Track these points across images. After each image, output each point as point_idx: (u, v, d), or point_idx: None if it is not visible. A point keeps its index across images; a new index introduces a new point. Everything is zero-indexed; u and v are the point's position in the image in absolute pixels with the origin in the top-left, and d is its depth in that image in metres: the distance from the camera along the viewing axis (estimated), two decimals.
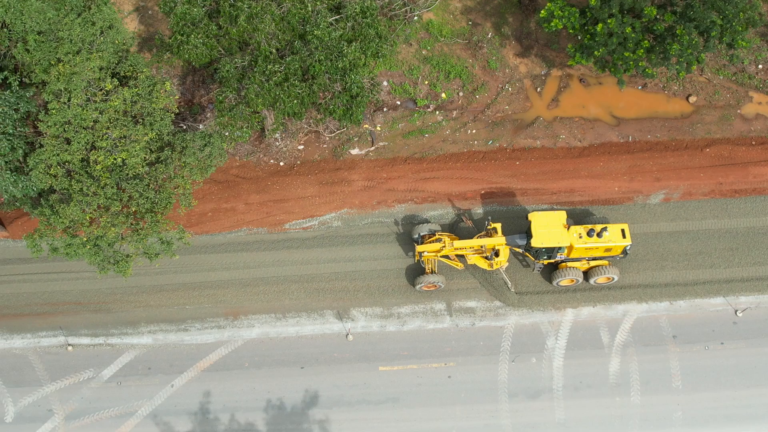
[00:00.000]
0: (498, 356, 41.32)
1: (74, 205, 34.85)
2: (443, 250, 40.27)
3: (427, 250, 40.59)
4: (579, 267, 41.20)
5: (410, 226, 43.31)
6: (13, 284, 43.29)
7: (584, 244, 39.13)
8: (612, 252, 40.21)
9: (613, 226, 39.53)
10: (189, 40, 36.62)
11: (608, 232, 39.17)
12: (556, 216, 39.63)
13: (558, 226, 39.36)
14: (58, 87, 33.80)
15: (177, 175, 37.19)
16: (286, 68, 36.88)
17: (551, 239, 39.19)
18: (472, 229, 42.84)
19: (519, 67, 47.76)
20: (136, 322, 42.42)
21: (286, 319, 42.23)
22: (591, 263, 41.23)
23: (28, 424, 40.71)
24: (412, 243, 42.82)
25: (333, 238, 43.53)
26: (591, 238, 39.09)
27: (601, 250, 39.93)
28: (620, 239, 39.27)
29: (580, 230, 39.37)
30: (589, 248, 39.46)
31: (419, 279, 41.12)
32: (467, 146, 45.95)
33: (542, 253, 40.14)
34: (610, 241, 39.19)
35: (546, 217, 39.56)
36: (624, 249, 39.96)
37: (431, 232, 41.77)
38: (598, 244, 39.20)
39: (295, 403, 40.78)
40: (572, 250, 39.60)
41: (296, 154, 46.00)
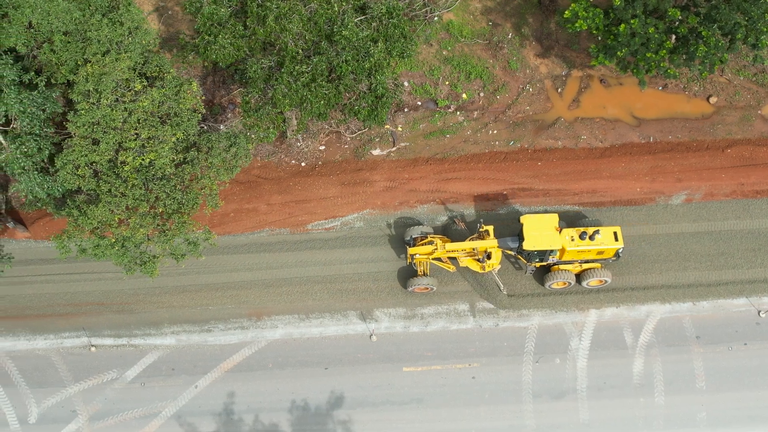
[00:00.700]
0: (522, 357, 41.31)
1: (102, 206, 34.78)
2: (435, 252, 40.14)
3: (419, 253, 40.48)
4: (571, 270, 41.13)
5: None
6: (36, 285, 43.21)
7: (576, 247, 39.02)
8: (605, 255, 40.08)
9: (605, 229, 39.40)
10: (217, 41, 36.55)
11: (600, 235, 39.02)
12: (547, 219, 39.49)
13: (550, 229, 39.17)
14: (88, 87, 33.70)
15: (204, 175, 37.13)
16: (313, 69, 36.85)
17: (543, 242, 39.03)
18: (464, 231, 42.72)
19: (539, 67, 47.75)
20: (159, 323, 42.36)
21: (310, 320, 42.19)
22: (583, 266, 41.16)
23: (51, 425, 40.66)
24: (403, 245, 42.63)
25: (355, 239, 43.51)
26: (583, 241, 38.96)
27: (593, 253, 39.79)
28: (613, 242, 39.15)
29: (573, 233, 39.21)
30: (581, 251, 39.36)
31: (411, 281, 41.03)
32: (488, 147, 45.94)
33: (534, 256, 40.06)
34: (603, 244, 39.06)
35: (538, 220, 39.39)
36: (616, 252, 39.89)
37: (423, 235, 41.68)
38: (590, 247, 39.09)
39: (319, 403, 40.75)
40: (564, 252, 39.50)
41: (317, 155, 45.96)
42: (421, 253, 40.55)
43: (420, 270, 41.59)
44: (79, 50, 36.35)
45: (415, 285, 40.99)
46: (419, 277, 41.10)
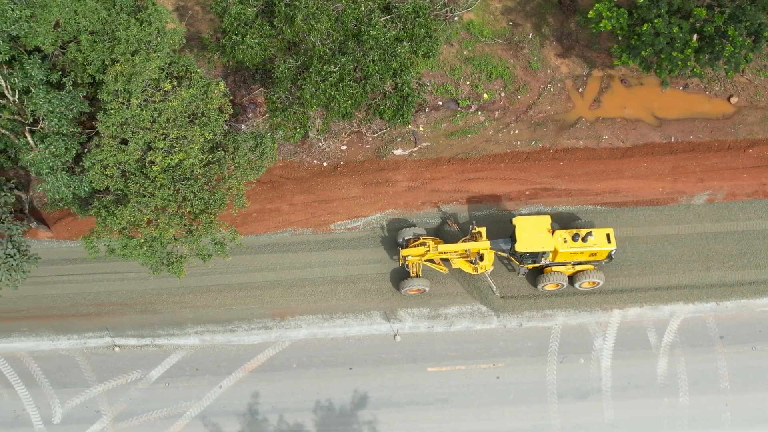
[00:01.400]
0: (546, 357, 41.31)
1: (131, 206, 34.72)
2: (428, 254, 40.01)
3: (412, 254, 40.36)
4: (564, 271, 41.08)
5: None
6: (59, 285, 43.13)
7: (569, 249, 38.97)
8: (597, 257, 40.03)
9: (598, 231, 39.35)
10: (244, 41, 36.50)
11: (593, 237, 38.97)
12: (540, 220, 39.42)
13: (542, 230, 39.08)
14: (118, 87, 33.62)
15: (231, 175, 37.09)
16: (341, 69, 36.82)
17: (535, 244, 38.93)
18: (457, 232, 42.65)
19: (560, 67, 47.75)
20: (183, 323, 42.30)
21: (334, 320, 42.16)
22: (576, 267, 41.10)
23: (76, 425, 40.59)
24: (396, 247, 42.55)
25: (379, 239, 43.45)
26: (576, 242, 38.91)
27: (586, 255, 39.72)
28: (605, 244, 39.09)
29: (565, 235, 39.14)
30: (573, 253, 39.30)
31: (404, 283, 40.92)
32: (510, 147, 45.93)
33: (526, 258, 40.00)
34: (595, 246, 39.00)
35: (530, 222, 39.31)
36: (609, 253, 39.85)
37: (416, 236, 41.60)
38: (582, 249, 39.04)
39: (344, 403, 40.71)
40: (557, 254, 39.45)
41: (339, 155, 45.92)
42: (413, 254, 40.35)
43: (413, 271, 41.44)
44: (107, 50, 36.30)
45: (408, 287, 40.89)
46: (412, 279, 40.94)
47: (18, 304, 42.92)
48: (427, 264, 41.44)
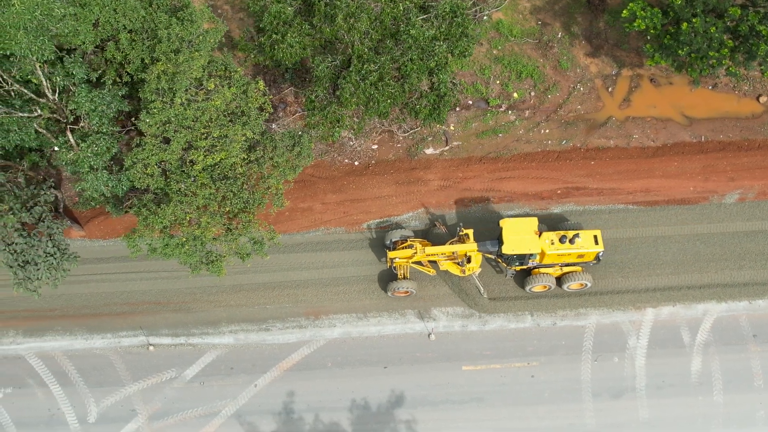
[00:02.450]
0: (580, 355, 41.38)
1: (173, 205, 34.70)
2: (415, 256, 39.98)
3: (399, 256, 40.32)
4: (552, 273, 41.13)
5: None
6: (92, 284, 43.09)
7: (556, 251, 39.01)
8: (585, 258, 40.09)
9: (585, 233, 39.40)
10: (285, 39, 36.50)
11: (580, 239, 39.01)
12: (527, 223, 39.49)
13: (529, 232, 39.13)
14: (161, 86, 33.58)
15: (270, 174, 37.11)
16: (381, 68, 36.84)
17: (522, 246, 38.97)
18: (446, 234, 42.64)
19: (590, 66, 47.83)
20: (217, 322, 42.31)
21: (368, 319, 42.19)
22: (564, 269, 41.15)
23: (111, 425, 40.58)
24: (384, 249, 42.44)
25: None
26: (563, 244, 38.94)
27: (573, 257, 39.78)
28: (593, 245, 39.16)
29: (552, 237, 39.17)
30: (561, 255, 39.35)
31: (392, 285, 40.88)
32: (541, 146, 46.00)
33: (514, 260, 40.06)
34: (583, 248, 39.06)
35: (517, 224, 39.36)
36: (597, 255, 39.93)
37: (403, 238, 41.60)
38: (570, 251, 39.09)
39: (379, 402, 40.75)
40: (544, 256, 39.50)
41: (370, 154, 45.95)
42: (400, 256, 40.31)
43: (400, 273, 41.34)
44: (146, 49, 36.27)
45: (395, 289, 40.85)
46: (399, 281, 40.86)
47: (51, 303, 42.89)
48: (415, 266, 41.38)
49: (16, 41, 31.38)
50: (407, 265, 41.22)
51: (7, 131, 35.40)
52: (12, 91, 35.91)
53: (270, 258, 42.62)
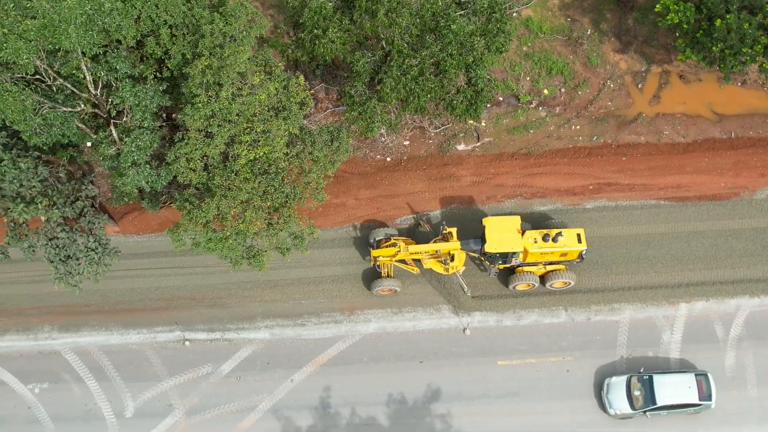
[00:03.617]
0: (615, 350, 41.53)
1: (218, 199, 34.80)
2: (399, 254, 40.08)
3: (383, 255, 40.45)
4: (535, 271, 41.26)
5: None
6: (126, 279, 43.17)
7: (539, 249, 39.13)
8: (568, 257, 40.23)
9: (568, 231, 39.54)
10: (326, 35, 36.62)
11: (563, 237, 39.15)
12: (510, 221, 39.60)
13: (512, 231, 39.21)
14: (207, 80, 33.65)
15: (311, 169, 37.24)
16: (421, 63, 36.99)
17: (505, 244, 39.05)
18: (430, 233, 42.75)
19: (619, 63, 48.03)
20: (253, 317, 42.42)
21: (403, 314, 42.33)
22: (548, 268, 41.29)
23: (148, 420, 40.64)
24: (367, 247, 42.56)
25: None
26: (546, 243, 39.08)
27: (556, 255, 39.89)
28: (576, 244, 39.26)
29: (535, 235, 39.29)
30: (544, 253, 39.48)
31: (375, 283, 40.99)
32: (572, 142, 46.19)
33: (497, 258, 40.19)
34: (566, 246, 39.19)
35: (500, 222, 39.45)
36: (580, 253, 40.07)
37: (387, 237, 41.72)
38: (553, 249, 39.21)
39: (416, 397, 40.88)
40: (527, 254, 39.62)
41: (402, 150, 46.09)
42: (384, 255, 40.42)
43: (384, 272, 41.45)
44: (188, 44, 36.34)
45: (379, 287, 40.98)
46: (383, 279, 40.99)
47: (86, 299, 42.96)
48: (399, 265, 41.48)
49: (66, 36, 31.44)
50: (391, 263, 41.24)
51: (50, 126, 35.45)
52: (54, 86, 35.97)
53: (304, 254, 42.75)
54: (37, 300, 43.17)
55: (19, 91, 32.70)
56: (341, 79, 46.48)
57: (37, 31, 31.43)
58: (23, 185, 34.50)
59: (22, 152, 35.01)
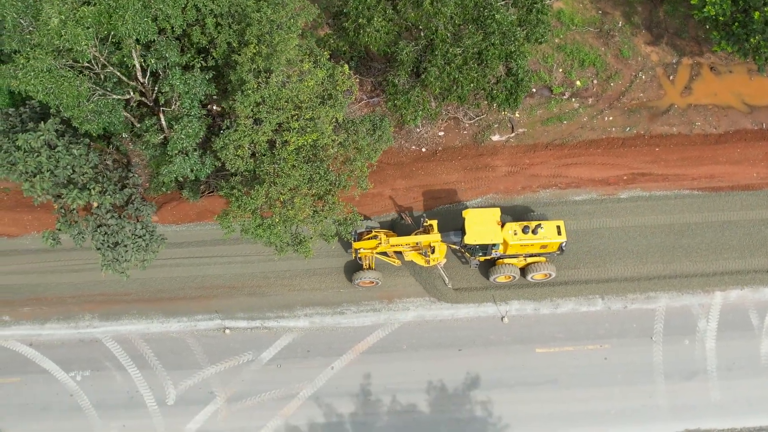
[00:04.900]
0: (652, 338, 41.88)
1: (267, 185, 35.10)
2: (380, 246, 40.36)
3: (364, 247, 40.73)
4: (516, 263, 41.58)
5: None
6: (166, 268, 43.43)
7: (519, 241, 39.48)
8: (548, 249, 40.59)
9: (548, 223, 39.89)
10: (371, 24, 36.94)
11: (543, 229, 39.49)
12: (489, 213, 39.95)
13: (491, 223, 39.53)
14: (258, 65, 33.94)
15: (355, 157, 37.56)
16: (465, 52, 37.34)
17: (484, 236, 39.36)
18: (411, 226, 43.06)
19: (650, 55, 48.45)
20: (292, 306, 42.70)
21: (441, 303, 42.64)
22: (528, 260, 41.62)
23: (190, 407, 40.90)
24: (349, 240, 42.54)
25: None
26: (526, 235, 39.43)
27: (536, 247, 40.23)
28: (555, 236, 39.65)
29: (515, 227, 39.65)
30: (524, 245, 39.81)
31: (357, 275, 41.33)
32: (605, 133, 46.58)
33: (477, 250, 40.53)
34: (546, 238, 39.56)
35: (479, 215, 39.80)
36: (560, 245, 40.44)
37: (368, 229, 42.06)
38: (533, 241, 39.58)
39: (455, 384, 41.19)
40: (508, 246, 39.96)
41: (437, 140, 46.45)
42: (365, 247, 40.72)
43: (365, 264, 41.76)
44: (233, 32, 36.65)
45: (360, 279, 41.32)
46: (364, 271, 41.31)
47: (126, 288, 43.23)
48: (380, 257, 41.82)
49: (122, 22, 31.75)
50: (372, 255, 41.55)
51: (99, 114, 35.75)
52: (102, 74, 36.25)
53: (342, 243, 43.12)
54: (77, 288, 43.42)
55: (74, 76, 32.99)
56: (375, 70, 46.87)
57: (94, 17, 31.77)
58: (75, 171, 34.76)
59: (74, 139, 35.25)
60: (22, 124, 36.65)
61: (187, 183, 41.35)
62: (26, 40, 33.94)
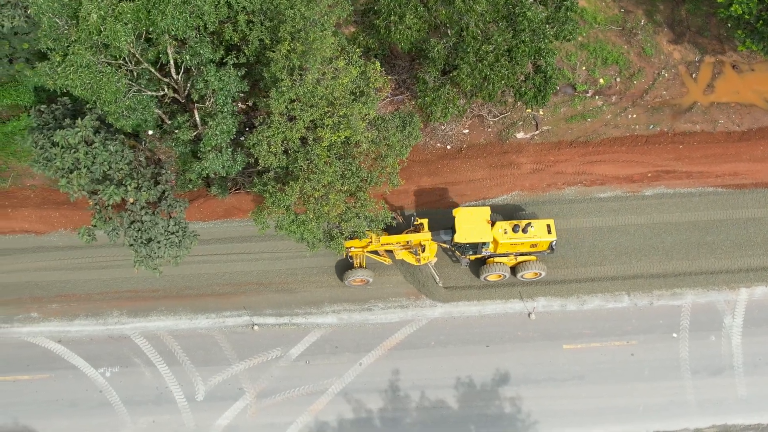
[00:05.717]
0: (678, 334, 42.09)
1: (301, 182, 35.25)
2: (371, 245, 40.48)
3: (355, 246, 40.84)
4: (506, 262, 41.78)
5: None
6: (193, 265, 43.55)
7: (509, 240, 39.67)
8: (538, 248, 40.82)
9: (538, 222, 40.12)
10: (404, 21, 37.11)
11: (533, 228, 39.70)
12: (479, 212, 40.12)
13: (481, 222, 39.70)
14: (293, 63, 34.09)
15: (387, 154, 37.73)
16: (496, 49, 37.53)
17: (474, 235, 39.54)
18: (402, 225, 43.19)
19: (673, 53, 48.69)
20: (320, 302, 42.86)
21: (468, 299, 42.79)
22: (518, 258, 41.82)
23: (219, 403, 41.02)
24: None
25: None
26: (516, 233, 39.63)
27: (527, 246, 40.44)
28: (545, 235, 39.85)
29: (506, 226, 39.84)
30: (514, 244, 40.02)
31: (347, 274, 41.48)
32: (629, 130, 46.81)
33: (467, 249, 40.73)
34: (536, 237, 39.75)
35: (470, 213, 39.99)
36: (550, 244, 40.67)
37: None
38: (523, 240, 39.79)
39: (483, 380, 41.38)
40: (498, 245, 40.17)
41: (462, 138, 46.64)
42: (356, 246, 40.84)
43: (356, 262, 41.89)
44: (266, 29, 36.81)
45: (351, 277, 41.49)
46: (355, 270, 41.48)
47: (154, 285, 43.37)
48: (371, 255, 41.97)
49: (162, 17, 31.89)
50: (363, 254, 41.67)
51: (133, 110, 35.89)
52: (135, 71, 36.37)
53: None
54: (105, 285, 43.55)
55: (112, 72, 33.13)
56: (398, 68, 47.04)
57: (132, 13, 31.90)
58: (111, 167, 34.89)
59: (108, 135, 35.39)
60: (55, 121, 36.78)
61: (216, 180, 41.50)
62: (61, 38, 34.05)
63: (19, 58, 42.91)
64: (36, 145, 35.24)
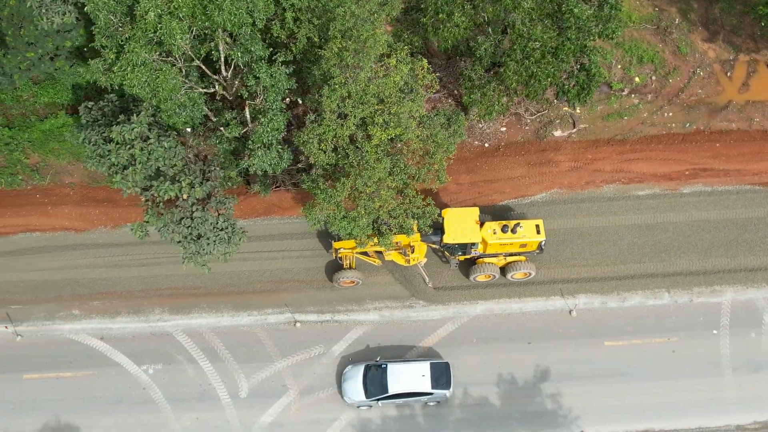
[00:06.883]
0: (719, 331, 42.26)
1: (353, 178, 35.37)
2: (360, 246, 40.51)
3: (344, 247, 40.92)
4: (496, 263, 41.88)
5: None
6: (234, 262, 43.51)
7: (498, 240, 39.77)
8: (528, 248, 40.94)
9: (527, 222, 40.21)
10: (452, 19, 37.25)
11: (522, 228, 39.78)
12: (468, 212, 40.21)
13: (470, 222, 39.76)
14: (347, 61, 34.18)
15: (435, 151, 37.87)
16: (543, 46, 37.69)
17: (463, 235, 39.59)
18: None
19: (708, 52, 48.89)
20: (361, 300, 42.95)
21: (510, 296, 42.93)
22: (508, 259, 41.94)
23: (263, 400, 41.07)
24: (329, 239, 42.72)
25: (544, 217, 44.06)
26: (505, 234, 39.72)
27: (516, 246, 40.54)
28: (534, 235, 39.94)
29: (495, 226, 39.90)
30: (503, 244, 40.12)
31: (337, 275, 41.48)
32: (665, 129, 47.01)
33: (456, 250, 40.82)
34: (525, 237, 39.84)
35: (458, 214, 40.06)
36: (540, 244, 40.80)
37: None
38: (512, 240, 39.86)
39: (526, 377, 41.49)
40: (487, 246, 40.27)
41: (499, 136, 46.80)
42: (345, 247, 40.91)
43: (346, 263, 41.86)
44: (314, 27, 36.93)
45: (341, 279, 41.49)
46: (344, 271, 41.46)
47: (194, 282, 43.44)
48: (360, 256, 42.04)
49: (218, 12, 31.98)
50: (353, 255, 41.70)
51: (183, 106, 35.97)
52: (184, 68, 36.45)
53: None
54: (146, 282, 43.61)
55: (168, 69, 33.21)
56: (435, 66, 47.12)
57: (188, 9, 31.98)
58: (165, 164, 34.97)
59: (161, 132, 35.48)
60: (104, 118, 36.83)
61: (259, 177, 41.59)
62: (115, 35, 34.14)
63: (59, 55, 42.93)
64: (89, 142, 35.29)
